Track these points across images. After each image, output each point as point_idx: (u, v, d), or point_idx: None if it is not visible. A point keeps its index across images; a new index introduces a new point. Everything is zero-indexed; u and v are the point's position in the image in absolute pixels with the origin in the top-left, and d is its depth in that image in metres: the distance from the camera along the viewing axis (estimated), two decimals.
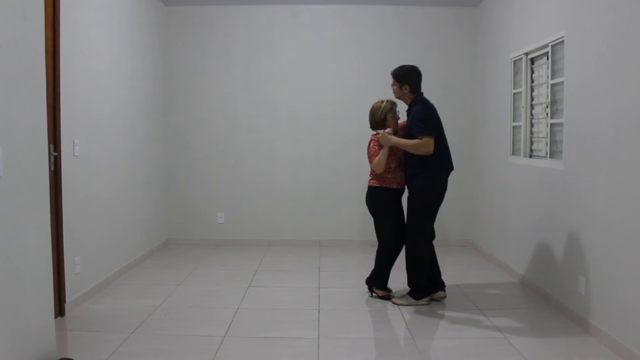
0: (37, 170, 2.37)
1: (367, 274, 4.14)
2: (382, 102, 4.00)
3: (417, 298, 3.86)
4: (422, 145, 3.70)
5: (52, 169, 3.40)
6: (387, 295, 4.00)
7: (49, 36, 3.33)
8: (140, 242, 5.12)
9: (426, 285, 3.90)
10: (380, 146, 3.88)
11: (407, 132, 3.86)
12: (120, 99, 4.63)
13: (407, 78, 3.86)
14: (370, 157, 3.95)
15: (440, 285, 4.05)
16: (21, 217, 2.22)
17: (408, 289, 3.97)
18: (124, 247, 4.69)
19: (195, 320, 3.54)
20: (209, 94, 5.95)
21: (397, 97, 3.97)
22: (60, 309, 3.50)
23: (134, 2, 4.95)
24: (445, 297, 4.03)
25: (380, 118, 3.96)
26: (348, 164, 5.88)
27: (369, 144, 4.00)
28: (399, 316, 3.66)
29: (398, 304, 3.87)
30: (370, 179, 4.01)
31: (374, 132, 4.02)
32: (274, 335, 3.29)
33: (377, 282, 4.04)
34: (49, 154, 3.21)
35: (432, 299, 3.98)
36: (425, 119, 3.74)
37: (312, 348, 3.09)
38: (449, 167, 3.92)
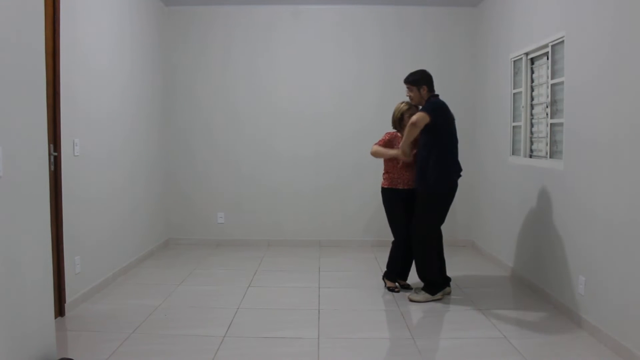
0: (37, 170, 2.37)
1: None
2: (402, 103, 4.18)
3: (433, 293, 3.92)
4: (415, 115, 3.83)
5: (52, 169, 3.40)
6: (394, 287, 4.12)
7: (49, 36, 3.33)
8: (140, 242, 5.12)
9: (439, 279, 3.98)
10: (387, 145, 4.11)
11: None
12: (120, 99, 4.63)
13: (422, 80, 3.97)
14: (378, 142, 4.16)
15: (446, 281, 4.09)
16: (21, 217, 2.22)
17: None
18: (124, 247, 4.69)
19: (195, 320, 3.54)
20: (209, 94, 5.95)
21: (417, 103, 4.05)
22: (60, 309, 3.50)
23: (133, 2, 4.95)
24: (450, 292, 4.10)
25: (397, 117, 4.15)
26: (348, 163, 5.87)
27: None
28: (399, 316, 3.66)
29: (415, 301, 3.91)
30: (383, 180, 4.18)
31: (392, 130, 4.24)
32: (274, 335, 3.29)
33: (387, 273, 4.21)
34: (49, 154, 3.21)
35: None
36: (432, 106, 3.86)
37: (312, 348, 3.09)
38: (458, 169, 3.95)
